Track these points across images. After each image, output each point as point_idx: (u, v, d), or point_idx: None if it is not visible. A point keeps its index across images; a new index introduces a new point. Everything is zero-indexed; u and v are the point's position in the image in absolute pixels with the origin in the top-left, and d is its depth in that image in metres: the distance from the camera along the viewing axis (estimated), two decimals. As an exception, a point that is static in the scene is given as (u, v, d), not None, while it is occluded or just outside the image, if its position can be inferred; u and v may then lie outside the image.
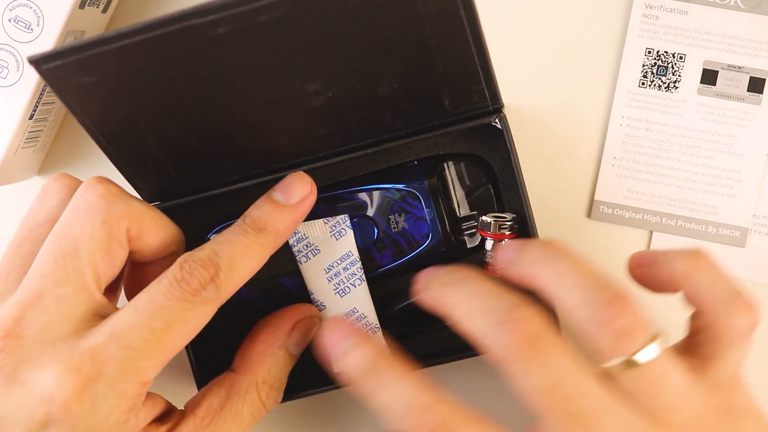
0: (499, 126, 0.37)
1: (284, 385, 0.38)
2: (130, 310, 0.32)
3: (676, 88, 0.43)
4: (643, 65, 0.43)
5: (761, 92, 0.42)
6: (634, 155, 0.43)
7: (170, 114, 0.34)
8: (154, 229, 0.35)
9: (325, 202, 0.39)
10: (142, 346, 0.31)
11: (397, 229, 0.39)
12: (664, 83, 0.43)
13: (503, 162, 0.39)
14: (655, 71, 0.43)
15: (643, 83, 0.43)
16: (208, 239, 0.40)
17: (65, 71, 0.31)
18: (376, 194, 0.39)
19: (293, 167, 0.38)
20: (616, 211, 0.44)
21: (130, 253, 0.35)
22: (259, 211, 0.35)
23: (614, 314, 0.29)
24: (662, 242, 0.43)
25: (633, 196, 0.44)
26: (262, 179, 0.38)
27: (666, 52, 0.43)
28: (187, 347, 0.39)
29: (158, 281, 0.33)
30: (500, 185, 0.39)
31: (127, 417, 0.32)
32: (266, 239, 0.35)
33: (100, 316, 0.32)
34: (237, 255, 0.34)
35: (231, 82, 0.33)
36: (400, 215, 0.39)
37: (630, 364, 0.29)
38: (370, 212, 0.39)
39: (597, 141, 0.43)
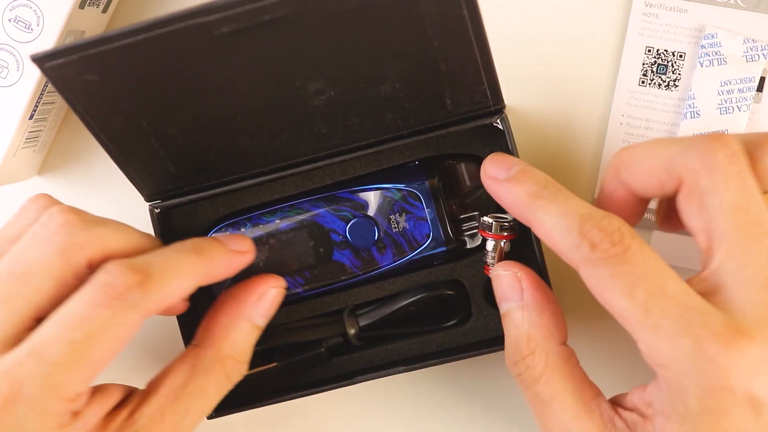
0: (500, 126, 0.37)
1: (249, 358, 0.36)
2: (50, 324, 0.31)
3: (676, 86, 0.43)
4: (643, 64, 0.43)
5: (761, 90, 0.43)
6: None
7: (172, 113, 0.34)
8: (125, 250, 0.33)
9: (325, 201, 0.39)
10: (61, 361, 0.30)
11: (397, 229, 0.39)
12: (664, 82, 0.43)
13: (504, 162, 0.39)
14: (655, 70, 0.43)
15: (643, 82, 0.43)
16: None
17: (68, 69, 0.31)
18: (376, 194, 0.39)
19: (294, 166, 0.38)
20: None
21: None
22: (200, 240, 0.35)
23: None
24: (661, 242, 0.43)
25: None
26: (263, 178, 0.38)
27: (666, 50, 0.43)
28: (182, 332, 0.39)
29: (82, 289, 0.31)
30: (501, 185, 0.39)
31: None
32: (202, 262, 0.34)
33: None
34: (171, 268, 0.32)
35: (234, 81, 0.33)
36: (400, 215, 0.39)
37: None
38: (371, 212, 0.39)
39: (597, 140, 0.43)
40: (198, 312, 0.36)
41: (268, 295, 0.37)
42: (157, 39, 0.30)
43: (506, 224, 0.37)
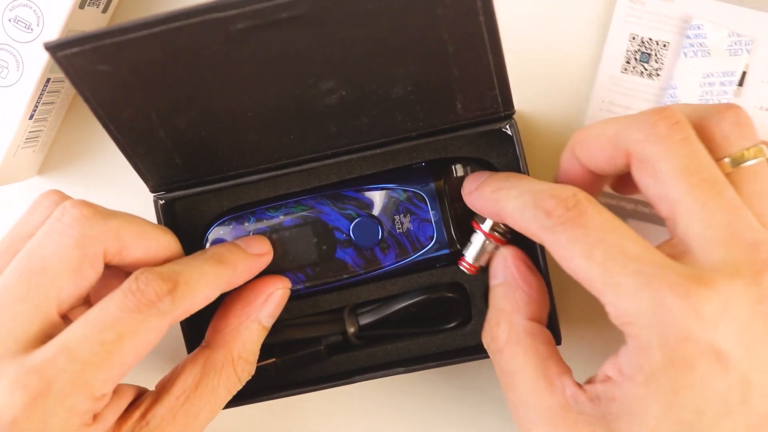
0: (509, 132, 0.37)
1: (257, 357, 0.37)
2: (81, 323, 0.31)
3: (658, 75, 0.43)
4: (627, 51, 0.43)
5: (741, 85, 0.43)
6: None
7: (183, 106, 0.34)
8: (139, 241, 0.34)
9: (330, 198, 0.39)
10: (92, 360, 0.30)
11: (401, 230, 0.39)
12: (647, 70, 0.43)
13: (510, 168, 0.39)
14: (638, 58, 0.43)
15: (625, 69, 0.43)
16: (208, 237, 0.40)
17: (81, 59, 0.31)
18: (382, 194, 0.39)
19: (302, 163, 0.38)
20: None
21: (120, 267, 0.35)
22: (221, 247, 0.37)
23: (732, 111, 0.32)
24: (637, 230, 0.43)
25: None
26: (269, 174, 0.38)
27: (650, 39, 0.43)
28: (183, 332, 0.39)
29: (112, 294, 0.32)
30: (507, 191, 0.39)
31: (81, 431, 0.31)
32: (224, 270, 0.35)
33: (53, 337, 0.32)
34: (196, 277, 0.34)
35: (246, 77, 0.33)
36: (405, 216, 0.39)
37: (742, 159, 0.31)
38: (376, 211, 0.39)
39: (576, 124, 0.43)
40: (201, 312, 0.36)
41: (274, 296, 0.38)
42: (172, 32, 0.30)
43: (501, 229, 0.37)
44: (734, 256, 0.29)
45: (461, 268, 0.38)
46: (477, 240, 0.37)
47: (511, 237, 0.37)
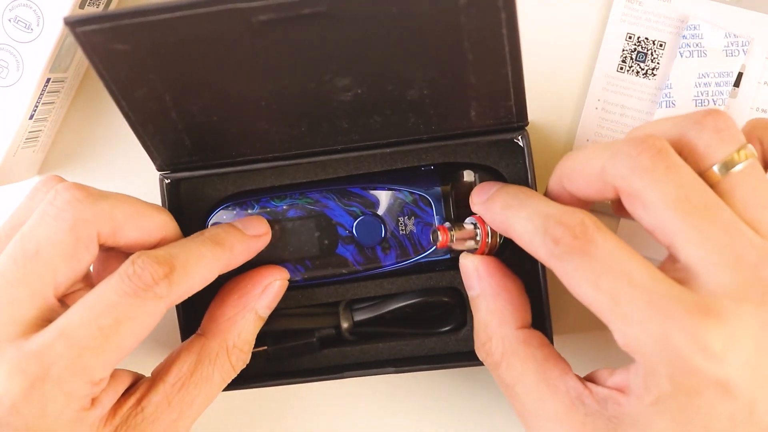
0: (520, 143, 0.37)
1: (252, 347, 0.37)
2: (79, 308, 0.31)
3: (654, 75, 0.43)
4: (623, 50, 0.43)
5: (738, 86, 0.43)
6: (607, 139, 0.43)
7: (197, 90, 0.34)
8: (133, 221, 0.34)
9: (336, 194, 0.39)
10: (90, 344, 0.30)
11: (404, 232, 0.39)
12: (642, 69, 0.43)
13: (519, 178, 0.39)
14: (634, 57, 0.43)
15: (621, 68, 0.43)
16: (210, 221, 0.40)
17: (99, 36, 0.31)
18: (388, 194, 0.39)
19: (310, 156, 0.38)
20: None
21: (116, 248, 0.34)
22: (218, 229, 0.36)
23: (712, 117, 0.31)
24: (629, 229, 0.43)
25: None
26: (276, 163, 0.38)
27: (647, 38, 0.43)
28: (179, 318, 0.39)
29: (109, 278, 0.32)
30: (512, 201, 0.39)
31: (80, 416, 0.31)
32: (222, 252, 0.35)
33: (51, 321, 0.32)
34: (192, 260, 0.33)
35: (263, 68, 0.33)
36: (409, 218, 0.39)
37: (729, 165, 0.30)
38: (380, 211, 0.39)
39: (571, 123, 0.43)
40: (197, 297, 0.36)
41: (272, 287, 0.38)
42: (194, 18, 0.30)
43: (497, 237, 0.37)
44: (740, 279, 0.29)
45: (438, 232, 0.36)
46: (470, 226, 0.37)
47: (501, 242, 0.37)
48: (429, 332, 0.41)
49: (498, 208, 0.34)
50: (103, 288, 0.32)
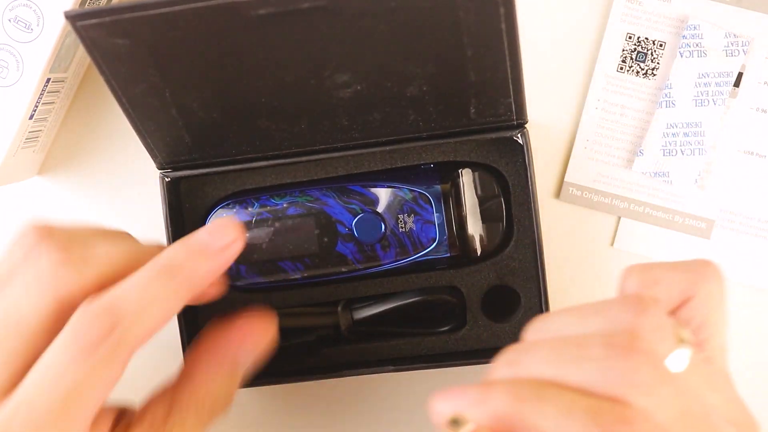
0: (520, 141, 0.37)
1: (232, 399, 0.34)
2: (33, 378, 0.29)
3: (654, 75, 0.43)
4: (623, 50, 0.43)
5: (737, 86, 0.43)
6: (607, 139, 0.43)
7: (197, 86, 0.34)
8: (124, 271, 0.31)
9: (336, 192, 0.39)
10: (47, 418, 0.28)
11: (404, 229, 0.39)
12: (642, 69, 0.43)
13: (518, 177, 0.39)
14: (634, 57, 0.43)
15: (621, 68, 0.43)
16: (210, 219, 0.40)
17: (99, 30, 0.31)
18: (388, 192, 0.39)
19: (311, 153, 0.38)
20: (585, 194, 0.44)
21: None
22: (177, 250, 0.31)
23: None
24: (629, 228, 0.44)
25: (603, 180, 0.44)
26: (276, 161, 0.38)
27: (647, 38, 0.43)
28: (180, 326, 0.39)
29: (61, 335, 0.29)
30: (512, 199, 0.39)
31: None
32: (179, 286, 0.31)
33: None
34: (144, 303, 0.30)
35: (262, 63, 0.33)
36: (409, 216, 0.39)
37: None
38: (380, 209, 0.39)
39: (571, 122, 0.43)
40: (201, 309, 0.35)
41: (254, 338, 0.35)
42: (193, 12, 0.30)
43: None
44: None
45: None
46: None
47: None
48: (428, 331, 0.41)
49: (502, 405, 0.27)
50: (52, 355, 0.29)
